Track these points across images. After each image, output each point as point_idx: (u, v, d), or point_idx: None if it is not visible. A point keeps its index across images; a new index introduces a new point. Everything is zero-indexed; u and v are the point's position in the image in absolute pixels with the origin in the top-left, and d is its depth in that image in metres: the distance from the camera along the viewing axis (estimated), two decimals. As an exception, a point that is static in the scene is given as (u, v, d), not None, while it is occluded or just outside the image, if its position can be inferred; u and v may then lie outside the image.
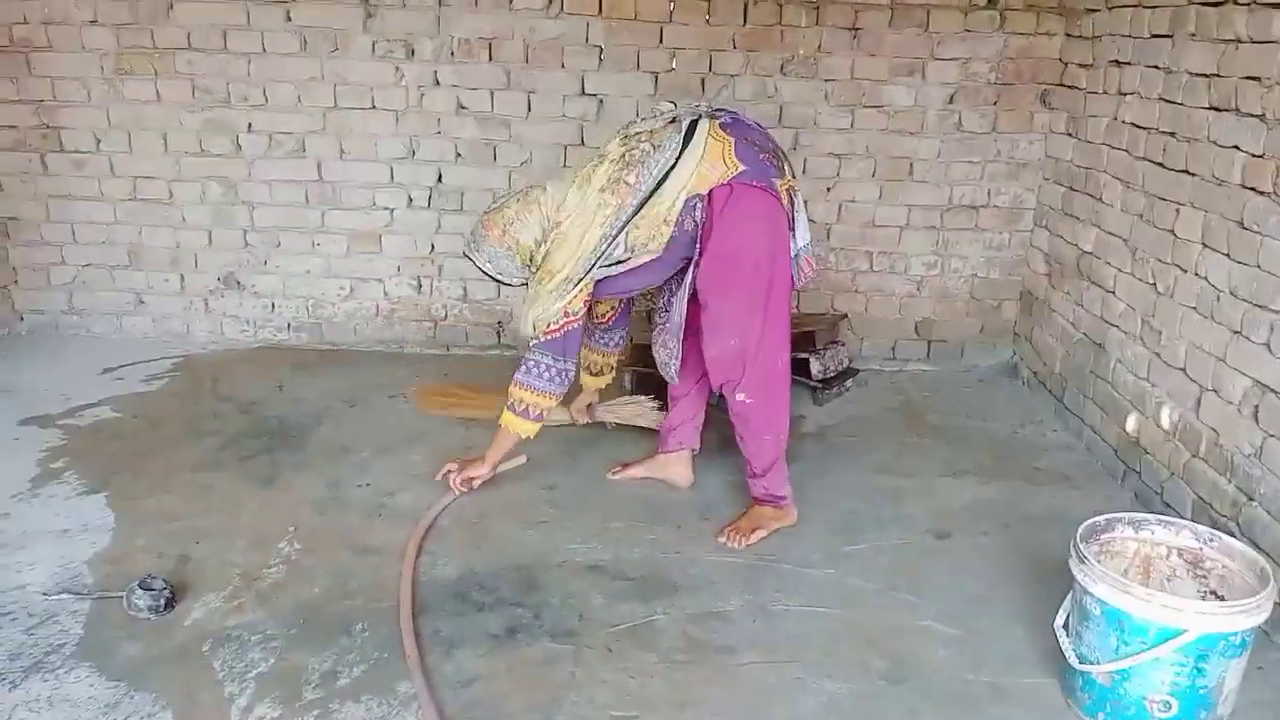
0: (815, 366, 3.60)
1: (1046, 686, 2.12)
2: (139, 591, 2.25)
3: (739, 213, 2.50)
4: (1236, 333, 2.48)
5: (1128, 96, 3.09)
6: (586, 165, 2.61)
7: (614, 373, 3.18)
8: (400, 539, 2.61)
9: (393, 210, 3.94)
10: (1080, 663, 1.99)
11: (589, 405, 3.27)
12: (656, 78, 3.76)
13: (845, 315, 3.95)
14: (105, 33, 3.72)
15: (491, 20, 3.69)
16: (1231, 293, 2.51)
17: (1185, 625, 1.82)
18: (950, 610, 2.37)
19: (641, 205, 2.50)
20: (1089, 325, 3.32)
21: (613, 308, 2.99)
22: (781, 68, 3.72)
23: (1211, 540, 2.09)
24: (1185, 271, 2.73)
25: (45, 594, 2.31)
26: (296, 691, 2.03)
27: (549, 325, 2.62)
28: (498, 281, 2.72)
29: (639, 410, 3.26)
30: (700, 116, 2.56)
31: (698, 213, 2.52)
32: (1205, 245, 2.64)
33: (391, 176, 3.90)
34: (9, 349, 3.93)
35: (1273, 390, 2.33)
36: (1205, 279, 2.63)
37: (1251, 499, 2.40)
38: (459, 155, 3.86)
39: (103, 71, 3.77)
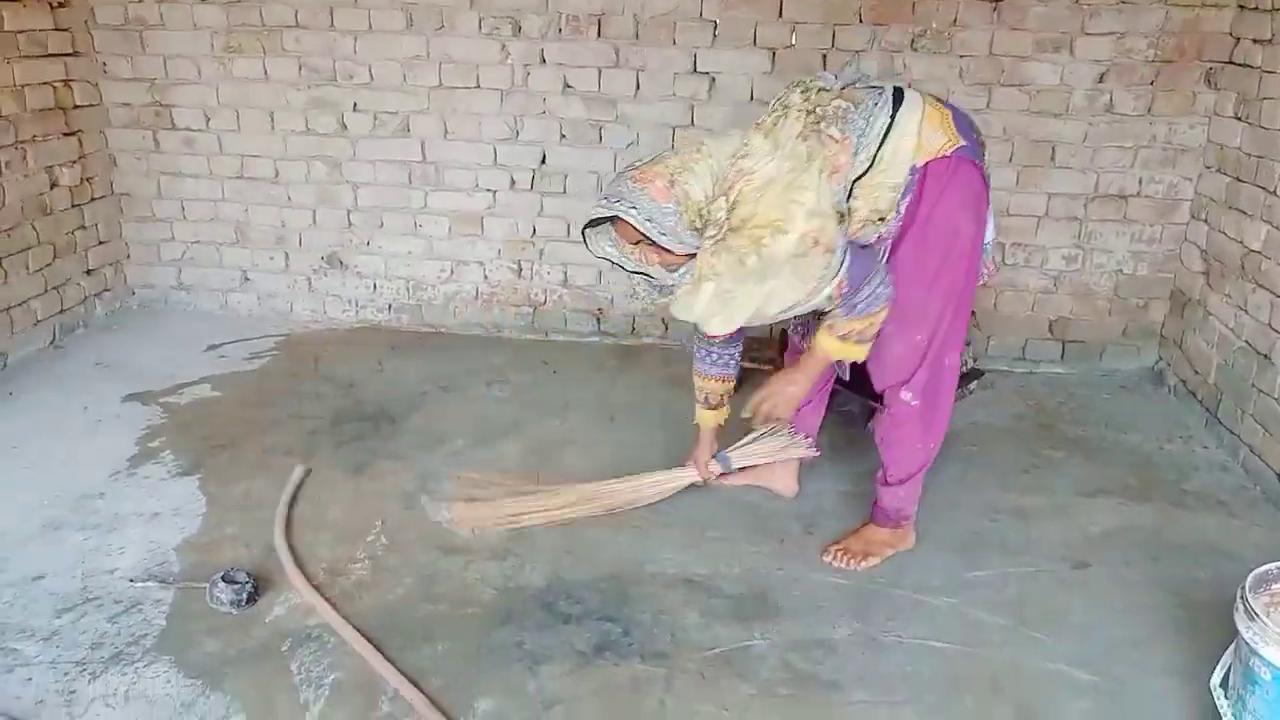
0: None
1: (1200, 753, 1.85)
2: (221, 585, 2.19)
3: (959, 191, 2.17)
4: None
5: (1314, 74, 2.71)
6: (764, 117, 2.19)
7: (730, 402, 2.61)
8: (491, 538, 2.49)
9: (495, 192, 3.82)
10: None
11: (714, 455, 2.66)
12: (774, 54, 3.53)
13: (972, 311, 3.64)
14: (215, 10, 3.71)
15: (602, -5, 3.53)
16: None
17: None
18: (1087, 654, 2.11)
19: (868, 168, 2.12)
20: (1252, 332, 2.95)
21: None
22: (912, 43, 3.43)
23: None
24: (1381, 277, 2.37)
25: (132, 580, 2.28)
26: (373, 701, 1.93)
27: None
28: (620, 267, 2.22)
29: (782, 444, 2.64)
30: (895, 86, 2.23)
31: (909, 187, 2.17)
32: None
33: (495, 158, 3.79)
34: (120, 323, 3.99)
35: None
36: (1407, 286, 2.27)
37: None
38: (563, 136, 3.72)
39: (212, 49, 3.76)
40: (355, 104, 3.79)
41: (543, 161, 3.76)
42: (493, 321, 3.99)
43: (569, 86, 3.65)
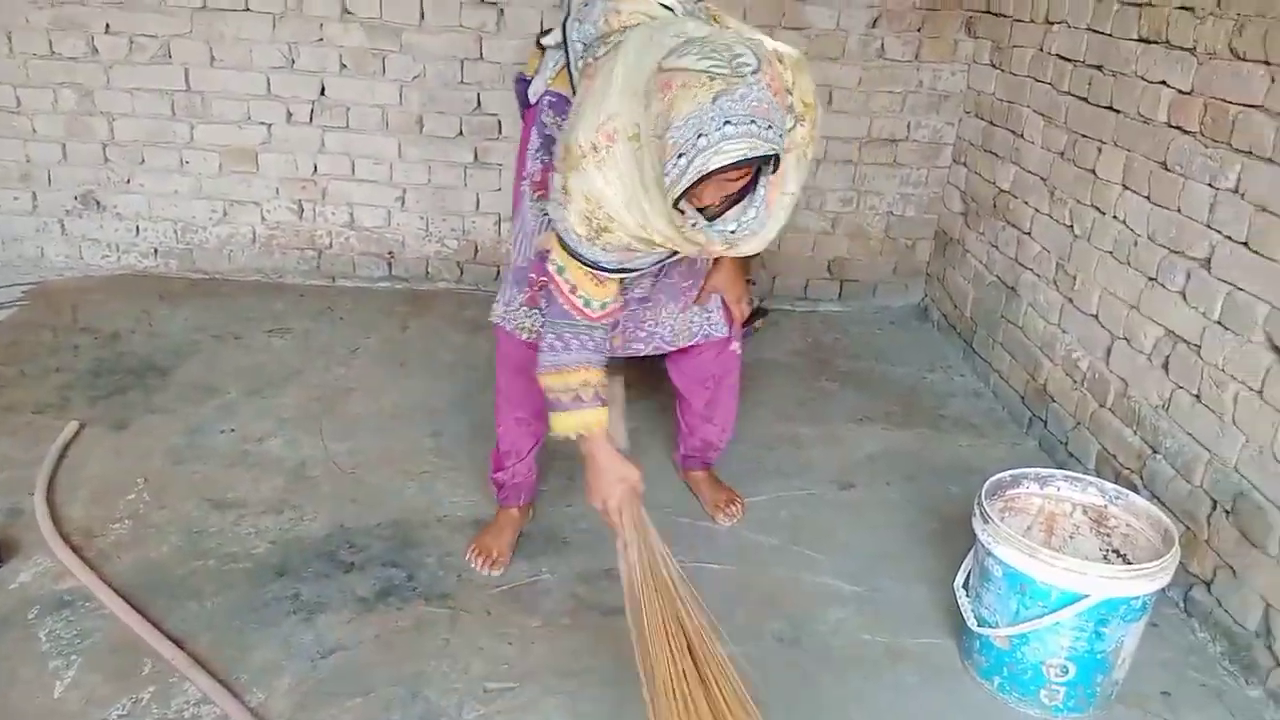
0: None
1: (944, 648, 2.03)
2: (-47, 553, 1.99)
3: None
4: (1152, 279, 2.39)
5: (1055, 26, 2.94)
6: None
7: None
8: (265, 491, 2.39)
9: (270, 125, 3.59)
10: (979, 625, 1.90)
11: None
12: (556, -14, 3.47)
13: (757, 253, 3.77)
14: (-71, -90, 3.26)
15: (379, -85, 3.34)
16: (1149, 237, 2.41)
17: (1087, 590, 1.73)
18: (850, 567, 2.27)
19: None
20: (1002, 268, 3.22)
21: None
22: (697, -17, 3.46)
23: (1118, 498, 2.01)
24: (1103, 214, 2.62)
25: None
26: (134, 665, 1.82)
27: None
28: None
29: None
30: None
31: None
32: (1126, 187, 2.53)
33: (268, 88, 3.55)
34: None
35: (1184, 340, 2.25)
36: (1123, 222, 2.53)
37: (1156, 452, 2.34)
38: (344, 66, 3.53)
39: (-72, -44, 3.31)
40: (107, 25, 3.44)
41: (322, 93, 3.56)
42: (273, 266, 3.78)
43: (348, 12, 3.46)
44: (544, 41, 2.02)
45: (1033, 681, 1.84)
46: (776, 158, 1.53)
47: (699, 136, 1.46)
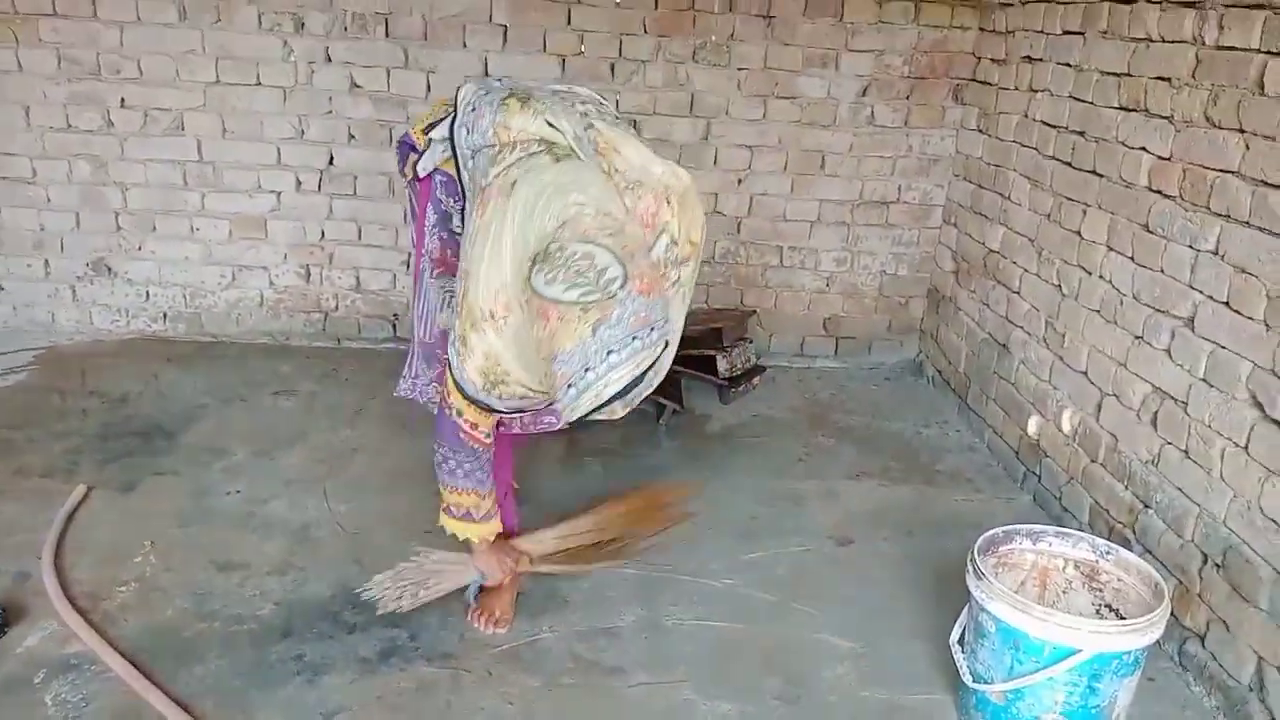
0: (722, 364, 3.49)
1: (941, 704, 2.05)
2: (-37, 616, 2.02)
3: None
4: (1138, 338, 2.45)
5: (1039, 94, 3.04)
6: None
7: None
8: (270, 552, 2.42)
9: (279, 194, 3.69)
10: (975, 681, 1.92)
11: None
12: (564, 60, 3.60)
13: (754, 311, 3.85)
14: (-44, -7, 3.40)
15: (386, -6, 3.48)
16: (1134, 297, 2.47)
17: (1080, 645, 1.76)
18: (849, 623, 2.29)
19: None
20: (994, 325, 3.29)
21: None
22: (693, 54, 3.59)
23: (1108, 553, 2.04)
24: (1090, 274, 2.69)
25: None
26: (138, 728, 1.84)
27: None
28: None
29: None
30: None
31: None
32: (1110, 248, 2.60)
33: (279, 158, 3.66)
34: None
35: (1171, 397, 2.30)
36: (1109, 282, 2.60)
37: (1148, 506, 2.37)
38: (352, 136, 3.64)
39: (-46, 36, 3.44)
40: (123, 99, 3.56)
41: (330, 162, 3.66)
42: (280, 329, 3.85)
43: (356, 86, 3.58)
44: (431, 135, 2.08)
45: None
46: None
47: (586, 370, 1.54)
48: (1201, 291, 2.21)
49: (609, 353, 1.54)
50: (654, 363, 1.60)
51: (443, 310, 2.11)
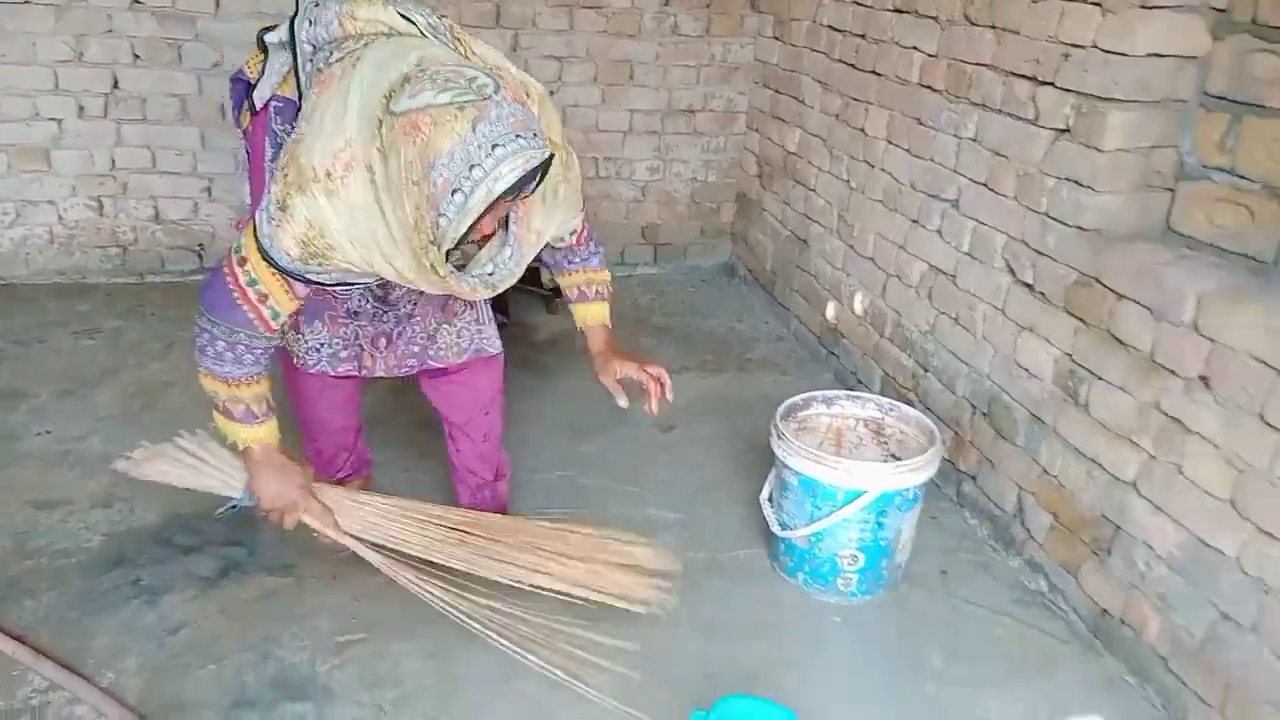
0: (545, 275, 3.58)
1: (757, 555, 2.28)
2: None
3: None
4: (914, 222, 2.71)
5: (825, 0, 3.24)
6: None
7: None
8: (92, 488, 2.36)
9: (60, 121, 3.45)
10: (782, 529, 2.15)
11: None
12: (359, -28, 3.49)
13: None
14: None
15: (159, -100, 3.27)
16: (911, 185, 2.73)
17: (866, 486, 2.01)
18: (673, 498, 2.49)
19: None
20: (795, 223, 3.52)
21: None
22: (493, -36, 3.57)
23: (891, 410, 2.31)
24: (873, 167, 2.94)
25: None
26: (-32, 666, 1.80)
27: None
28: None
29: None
30: None
31: None
32: (889, 142, 2.84)
33: (56, 82, 3.40)
34: None
35: (943, 272, 2.58)
36: (889, 173, 2.84)
37: (927, 370, 2.67)
38: (137, 56, 3.43)
39: None
40: None
41: (115, 85, 3.45)
42: (74, 267, 3.63)
43: (138, 2, 3.36)
44: (268, 39, 1.87)
45: (830, 572, 2.11)
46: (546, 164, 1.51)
47: (471, 168, 1.42)
48: (964, 175, 2.48)
49: (494, 146, 1.42)
50: (543, 167, 1.50)
51: None
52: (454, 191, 1.44)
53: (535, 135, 1.48)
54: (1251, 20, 1.83)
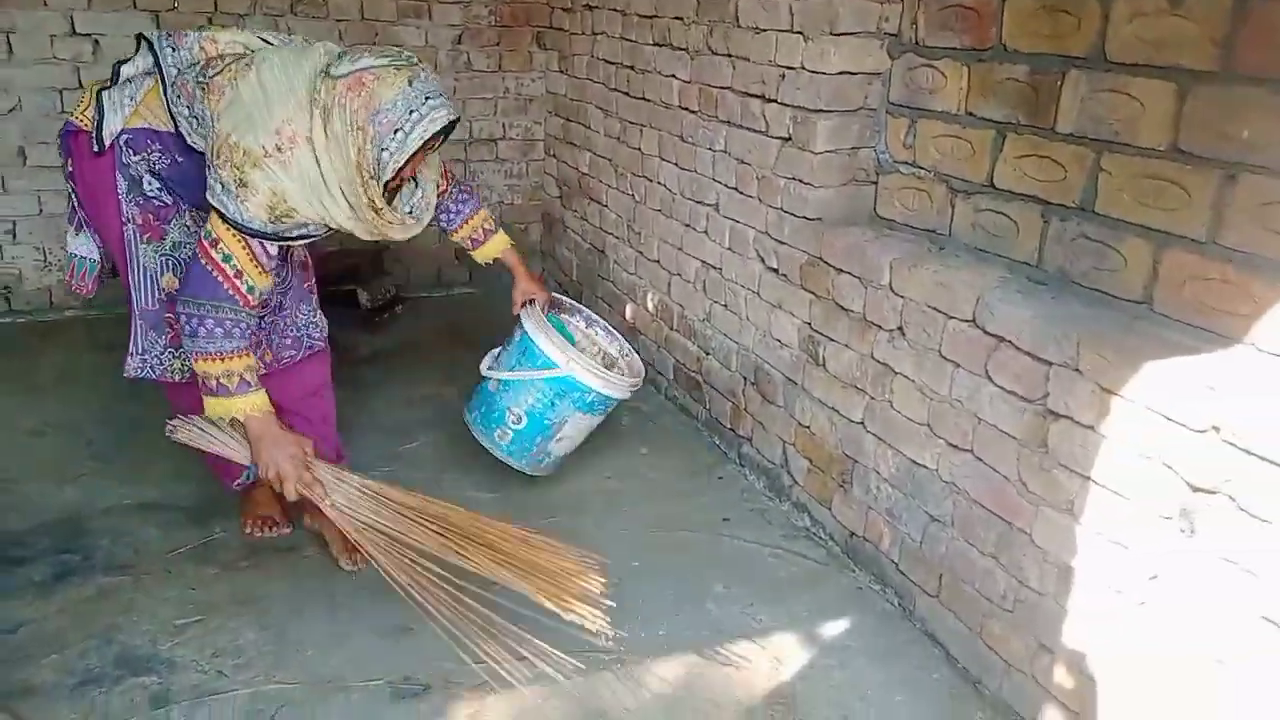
0: (363, 297, 3.80)
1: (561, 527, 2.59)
2: None
3: None
4: (687, 225, 3.11)
5: (599, 36, 3.63)
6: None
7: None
8: (-90, 517, 2.40)
9: None
10: (486, 369, 2.58)
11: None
12: (157, 16, 3.63)
13: (387, 246, 4.16)
14: None
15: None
16: (681, 194, 3.13)
17: (562, 365, 2.43)
18: (491, 482, 2.75)
19: None
20: (593, 236, 3.89)
21: None
22: (292, 7, 3.78)
23: (626, 354, 2.78)
24: (651, 181, 3.33)
25: None
26: None
27: None
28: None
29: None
30: None
31: None
32: (661, 158, 3.25)
33: None
34: None
35: (713, 267, 2.99)
36: (664, 186, 3.24)
37: (708, 354, 3.06)
38: (-74, 103, 3.44)
39: None
40: None
41: (-97, 132, 3.43)
42: None
43: (-78, 49, 3.38)
44: (124, 70, 2.09)
45: (496, 420, 2.55)
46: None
47: (410, 112, 1.85)
48: (720, 182, 2.89)
49: (426, 98, 1.88)
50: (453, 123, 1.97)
51: (165, 273, 2.14)
52: (396, 130, 1.85)
53: (447, 99, 1.95)
54: (914, 42, 2.32)
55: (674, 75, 3.10)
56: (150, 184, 2.09)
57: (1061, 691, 1.82)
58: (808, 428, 2.58)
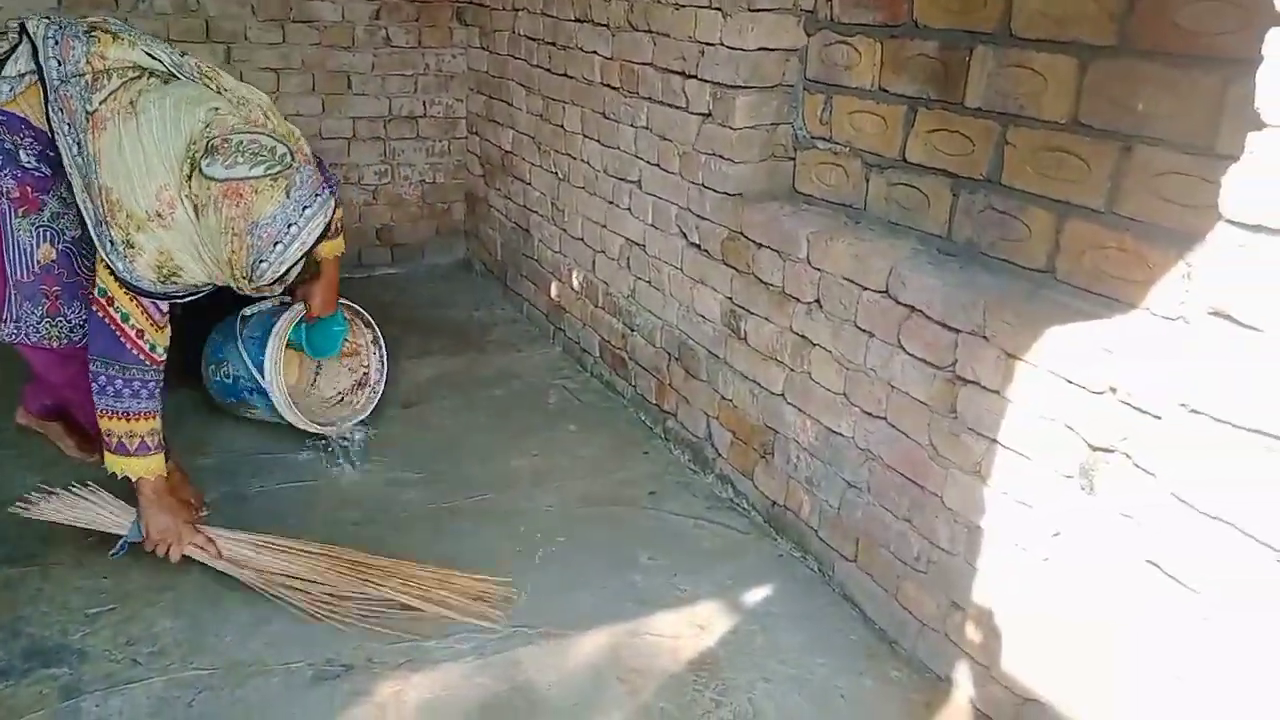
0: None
1: (489, 500, 2.58)
2: None
3: None
4: (611, 203, 3.12)
5: (520, 13, 3.60)
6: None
7: None
8: None
9: None
10: (243, 313, 2.75)
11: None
12: (56, -11, 3.49)
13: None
14: None
15: None
16: (604, 171, 3.13)
17: (266, 377, 2.63)
18: (413, 461, 2.73)
19: None
20: (517, 215, 3.86)
21: None
22: (202, -20, 3.66)
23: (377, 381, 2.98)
24: (574, 158, 3.32)
25: None
26: None
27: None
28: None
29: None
30: None
31: None
32: (585, 135, 3.24)
33: None
34: None
35: (636, 244, 2.99)
36: (588, 163, 3.24)
37: (633, 330, 3.08)
38: None
39: None
40: None
41: None
42: None
43: None
44: (6, 67, 2.07)
45: (216, 357, 2.77)
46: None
47: (289, 225, 1.88)
48: (643, 159, 2.90)
49: (304, 208, 1.89)
50: (333, 215, 2.01)
51: (41, 245, 2.12)
52: (275, 244, 1.88)
53: (328, 189, 1.98)
54: (829, 19, 2.35)
55: (595, 51, 3.09)
56: (27, 158, 2.07)
57: (972, 647, 1.89)
58: (730, 401, 2.61)
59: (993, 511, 1.82)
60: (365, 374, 2.99)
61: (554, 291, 3.59)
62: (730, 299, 2.56)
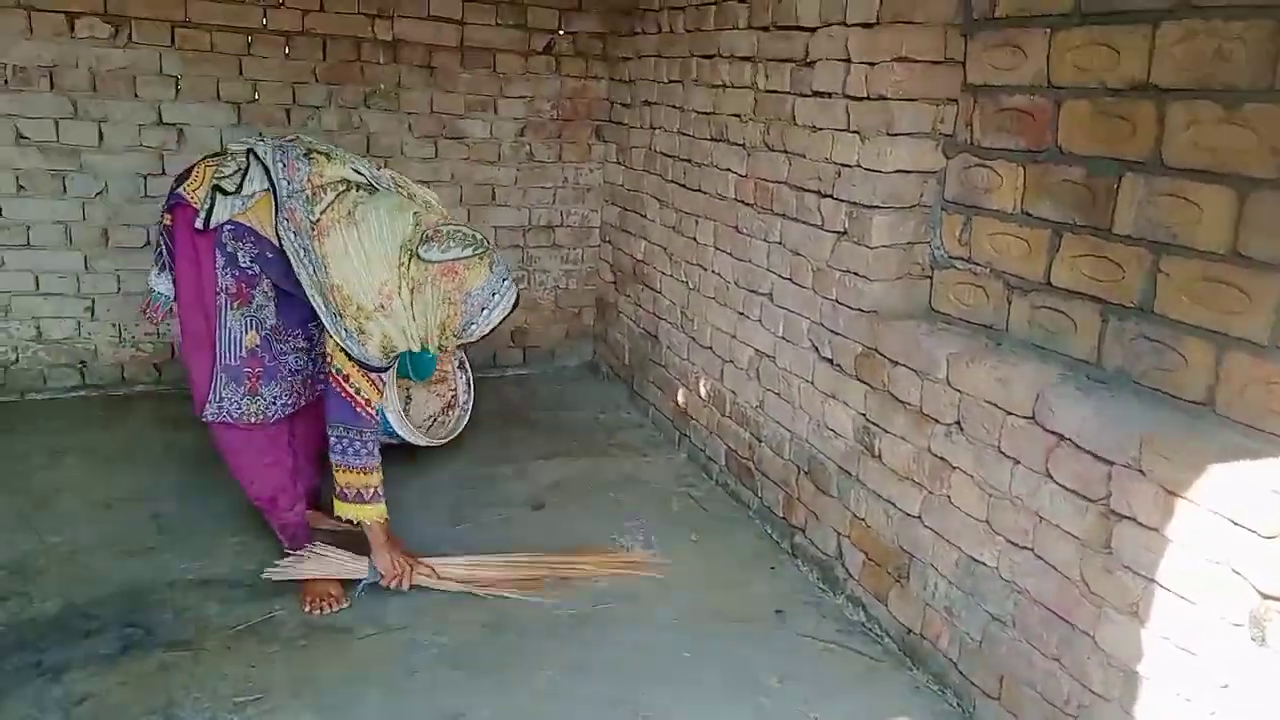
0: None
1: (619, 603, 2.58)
2: None
3: None
4: (740, 313, 3.16)
5: (657, 130, 3.76)
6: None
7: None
8: (-16, 586, 2.48)
9: (-58, 249, 3.60)
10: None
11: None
12: (239, 108, 3.83)
13: (445, 329, 4.28)
14: None
15: (50, 48, 3.54)
16: (735, 283, 3.19)
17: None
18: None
19: None
20: (646, 321, 3.96)
21: None
22: (365, 100, 3.97)
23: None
24: (705, 269, 3.40)
25: None
26: None
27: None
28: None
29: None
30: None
31: None
32: (716, 248, 3.32)
33: (-62, 212, 3.57)
34: None
35: (766, 355, 3.02)
36: (718, 274, 3.31)
37: (760, 441, 3.08)
38: (21, 187, 3.63)
39: None
40: None
41: (-1, 214, 3.64)
42: (-47, 386, 3.72)
43: (23, 137, 3.59)
44: (244, 190, 2.37)
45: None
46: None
47: (493, 294, 2.34)
48: (774, 272, 2.95)
49: (504, 280, 2.37)
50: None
51: (248, 332, 2.46)
52: (483, 309, 2.33)
53: (513, 278, 2.43)
54: (969, 143, 2.38)
55: (730, 169, 3.19)
56: (244, 259, 2.40)
57: (1130, 804, 1.77)
58: (863, 520, 2.57)
59: (1152, 656, 1.72)
60: (453, 395, 3.28)
61: (680, 398, 3.63)
62: (864, 415, 2.54)
